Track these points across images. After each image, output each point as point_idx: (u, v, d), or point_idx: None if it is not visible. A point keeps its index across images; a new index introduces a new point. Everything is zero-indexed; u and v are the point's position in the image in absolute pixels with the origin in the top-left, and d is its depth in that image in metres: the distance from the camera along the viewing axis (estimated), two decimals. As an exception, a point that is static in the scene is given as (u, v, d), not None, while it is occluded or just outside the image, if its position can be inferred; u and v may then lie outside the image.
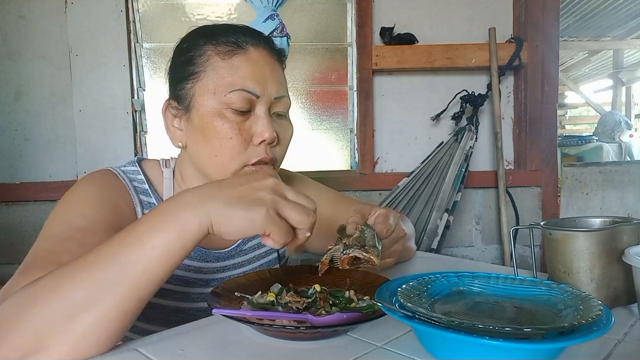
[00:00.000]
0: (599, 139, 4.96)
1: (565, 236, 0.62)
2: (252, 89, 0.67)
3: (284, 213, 0.50)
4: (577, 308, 0.47)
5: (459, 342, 0.43)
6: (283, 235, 0.49)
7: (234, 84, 0.67)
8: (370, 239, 0.60)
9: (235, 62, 0.68)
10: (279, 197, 0.50)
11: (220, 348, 0.52)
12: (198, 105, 0.69)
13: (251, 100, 0.68)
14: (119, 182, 0.73)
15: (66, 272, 0.48)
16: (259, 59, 0.70)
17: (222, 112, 0.68)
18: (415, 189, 1.87)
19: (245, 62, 0.68)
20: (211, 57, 0.69)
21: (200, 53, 0.69)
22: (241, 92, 0.67)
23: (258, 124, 0.68)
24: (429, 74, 2.05)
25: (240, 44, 0.69)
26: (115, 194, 0.70)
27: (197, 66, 0.69)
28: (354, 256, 0.58)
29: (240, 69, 0.68)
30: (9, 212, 1.88)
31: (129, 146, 1.92)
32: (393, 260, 0.71)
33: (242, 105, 0.67)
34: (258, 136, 0.68)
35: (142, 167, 0.78)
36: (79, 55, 1.87)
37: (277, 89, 0.71)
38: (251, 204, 0.48)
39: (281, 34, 1.68)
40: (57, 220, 0.64)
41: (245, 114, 0.68)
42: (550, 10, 2.04)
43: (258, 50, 0.70)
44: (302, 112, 2.11)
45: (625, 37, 5.21)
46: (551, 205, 2.10)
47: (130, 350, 0.51)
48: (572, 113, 9.41)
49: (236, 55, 0.68)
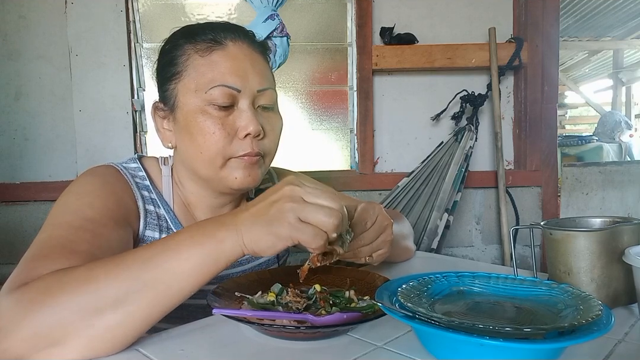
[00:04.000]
0: (599, 139, 4.96)
1: (566, 236, 0.62)
2: (232, 84, 0.68)
3: (306, 217, 0.49)
4: (577, 308, 0.47)
5: (459, 342, 0.43)
6: (312, 239, 0.49)
7: (214, 79, 0.67)
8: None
9: (213, 58, 0.68)
10: (297, 204, 0.50)
11: (220, 348, 0.52)
12: (181, 105, 0.70)
13: (233, 94, 0.68)
14: (121, 177, 0.73)
15: (101, 267, 0.49)
16: (238, 52, 0.70)
17: (204, 109, 0.68)
18: (415, 189, 1.87)
19: (223, 57, 0.68)
20: (191, 55, 0.69)
21: (181, 53, 0.70)
22: (221, 87, 0.67)
23: (242, 118, 0.69)
24: (429, 74, 2.05)
25: (218, 39, 0.69)
26: (118, 188, 0.71)
27: (178, 66, 0.70)
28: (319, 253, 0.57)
29: (219, 64, 0.68)
30: (9, 212, 1.88)
31: (129, 146, 1.92)
32: (386, 252, 0.69)
33: (224, 101, 0.68)
34: (242, 130, 0.68)
35: (143, 164, 0.79)
36: (79, 55, 1.87)
37: (259, 82, 0.70)
38: (272, 219, 0.49)
39: (281, 34, 1.68)
40: (65, 210, 0.64)
41: (228, 109, 0.69)
42: (550, 10, 2.04)
43: (237, 44, 0.70)
44: (302, 112, 2.11)
45: (625, 37, 5.21)
46: (551, 205, 2.10)
47: (131, 350, 0.51)
48: (572, 113, 9.40)
49: (214, 51, 0.69)
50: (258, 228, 0.50)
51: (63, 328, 0.46)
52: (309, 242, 0.49)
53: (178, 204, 0.78)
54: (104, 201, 0.66)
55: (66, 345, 0.46)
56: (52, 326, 0.46)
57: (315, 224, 0.49)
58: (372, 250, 0.67)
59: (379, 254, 0.68)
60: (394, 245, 0.75)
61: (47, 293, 0.47)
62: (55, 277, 0.49)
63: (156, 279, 0.48)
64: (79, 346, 0.46)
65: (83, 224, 0.61)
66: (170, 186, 0.78)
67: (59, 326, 0.46)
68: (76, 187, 0.68)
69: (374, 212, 0.67)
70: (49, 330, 0.46)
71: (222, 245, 0.50)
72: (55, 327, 0.46)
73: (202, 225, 0.53)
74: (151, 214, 0.74)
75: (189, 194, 0.78)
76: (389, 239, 0.69)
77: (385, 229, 0.68)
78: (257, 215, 0.51)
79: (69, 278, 0.48)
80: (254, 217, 0.51)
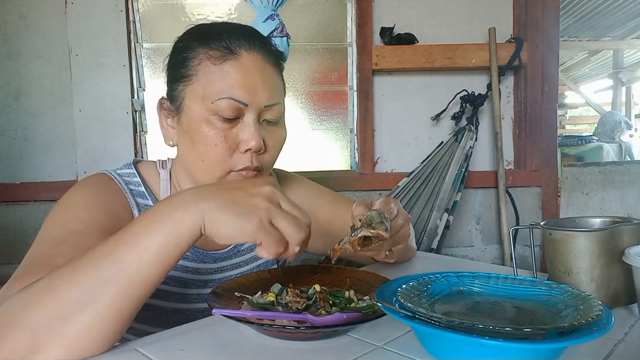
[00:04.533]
0: (599, 139, 4.96)
1: (566, 236, 0.62)
2: (240, 97, 0.66)
3: (277, 223, 0.49)
4: (577, 308, 0.47)
5: (459, 342, 0.43)
6: (274, 246, 0.49)
7: (222, 91, 0.66)
8: (377, 217, 0.60)
9: (225, 68, 0.67)
10: (273, 206, 0.50)
11: (220, 348, 0.52)
12: (187, 109, 0.69)
13: (239, 108, 0.67)
14: (114, 186, 0.73)
15: (60, 274, 0.48)
16: (251, 65, 0.68)
17: (209, 119, 0.67)
18: (415, 189, 1.87)
19: (235, 69, 0.67)
20: (203, 61, 0.68)
21: (193, 56, 0.69)
22: (229, 100, 0.66)
23: (245, 132, 0.68)
24: (429, 74, 2.05)
25: (232, 48, 0.68)
26: (110, 198, 0.70)
27: (189, 69, 0.69)
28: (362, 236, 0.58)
29: (229, 76, 0.67)
30: (9, 212, 1.88)
31: (129, 146, 1.92)
32: (403, 247, 0.70)
33: (230, 114, 0.67)
34: (244, 144, 0.67)
35: (138, 169, 0.78)
36: (79, 55, 1.87)
37: (268, 97, 0.69)
38: (244, 210, 0.48)
39: (281, 34, 1.68)
40: (52, 225, 0.65)
41: (232, 121, 0.68)
42: (550, 10, 2.04)
43: (251, 55, 0.68)
44: (302, 112, 2.11)
45: (625, 37, 5.21)
46: (551, 205, 2.10)
47: (131, 350, 0.51)
48: (572, 113, 9.40)
49: (227, 60, 0.67)
50: (224, 214, 0.48)
51: (35, 343, 0.45)
52: (269, 247, 0.49)
53: None
54: (92, 212, 0.66)
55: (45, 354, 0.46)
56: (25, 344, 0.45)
57: (283, 232, 0.49)
58: (394, 244, 0.67)
59: (397, 248, 0.68)
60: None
61: (11, 314, 0.47)
62: (19, 296, 0.48)
63: (116, 275, 0.47)
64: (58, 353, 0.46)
65: (66, 238, 0.61)
66: (168, 189, 0.77)
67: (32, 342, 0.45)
68: (66, 201, 0.68)
69: (395, 205, 0.67)
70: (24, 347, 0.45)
71: (180, 226, 0.48)
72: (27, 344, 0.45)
73: (157, 210, 0.50)
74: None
75: None
76: (407, 234, 0.69)
77: (405, 224, 0.68)
78: (227, 201, 0.49)
79: (32, 291, 0.48)
80: (224, 201, 0.49)
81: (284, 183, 0.91)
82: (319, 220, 0.87)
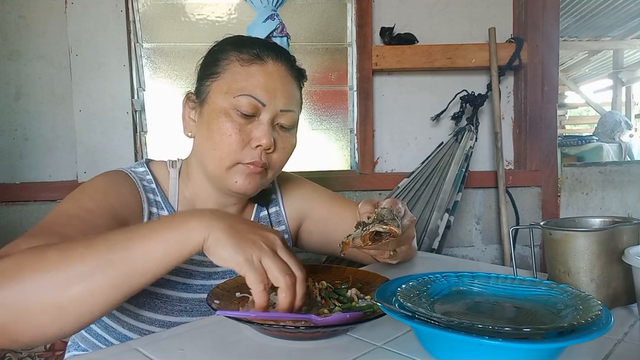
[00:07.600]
0: (599, 139, 4.96)
1: (565, 236, 0.62)
2: (260, 97, 0.73)
3: (265, 263, 0.52)
4: (577, 308, 0.47)
5: (458, 342, 0.43)
6: (255, 282, 0.51)
7: (245, 88, 0.73)
8: (388, 214, 0.61)
9: (251, 70, 0.74)
10: (268, 249, 0.53)
11: (220, 348, 0.52)
12: (210, 102, 0.75)
13: (257, 106, 0.73)
14: (130, 180, 0.78)
15: (72, 247, 0.52)
16: (275, 71, 0.75)
17: (228, 112, 0.73)
18: (415, 189, 1.87)
19: (260, 72, 0.74)
20: (232, 62, 0.75)
21: (224, 57, 0.76)
22: (249, 97, 0.72)
23: (259, 129, 0.73)
24: (429, 74, 2.05)
25: (261, 55, 0.75)
26: (125, 189, 0.75)
27: (218, 67, 0.76)
28: (374, 231, 0.58)
29: (254, 77, 0.73)
30: (9, 212, 1.88)
31: (129, 146, 1.92)
32: (406, 249, 0.72)
33: (248, 110, 0.73)
34: (255, 140, 0.73)
35: (150, 168, 0.83)
36: (79, 55, 1.87)
37: (285, 102, 0.75)
38: (242, 241, 0.53)
39: (281, 34, 1.68)
40: (69, 200, 0.70)
41: (249, 117, 0.74)
42: (550, 10, 2.04)
43: (276, 64, 0.76)
44: (302, 112, 2.10)
45: (625, 37, 5.21)
46: (551, 205, 2.10)
47: (131, 350, 0.51)
48: (572, 113, 9.40)
49: (254, 64, 0.74)
50: (225, 237, 0.52)
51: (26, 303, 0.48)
52: (250, 281, 0.51)
53: (184, 205, 0.81)
54: (106, 196, 0.71)
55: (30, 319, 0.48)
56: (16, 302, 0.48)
57: (267, 272, 0.52)
58: (398, 244, 0.69)
59: (401, 249, 0.71)
60: None
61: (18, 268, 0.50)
62: (30, 253, 0.52)
63: (123, 260, 0.51)
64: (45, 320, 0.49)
65: (78, 212, 0.66)
66: (177, 187, 0.82)
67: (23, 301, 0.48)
68: (85, 184, 0.74)
69: (403, 206, 0.69)
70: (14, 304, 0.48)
71: (190, 233, 0.53)
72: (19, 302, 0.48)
73: (177, 215, 0.56)
74: (154, 216, 0.77)
75: (199, 189, 0.82)
76: (412, 236, 0.72)
77: (411, 225, 0.71)
78: (233, 228, 0.54)
79: (41, 255, 0.51)
80: (231, 228, 0.54)
81: (283, 183, 0.93)
82: (315, 217, 0.92)
